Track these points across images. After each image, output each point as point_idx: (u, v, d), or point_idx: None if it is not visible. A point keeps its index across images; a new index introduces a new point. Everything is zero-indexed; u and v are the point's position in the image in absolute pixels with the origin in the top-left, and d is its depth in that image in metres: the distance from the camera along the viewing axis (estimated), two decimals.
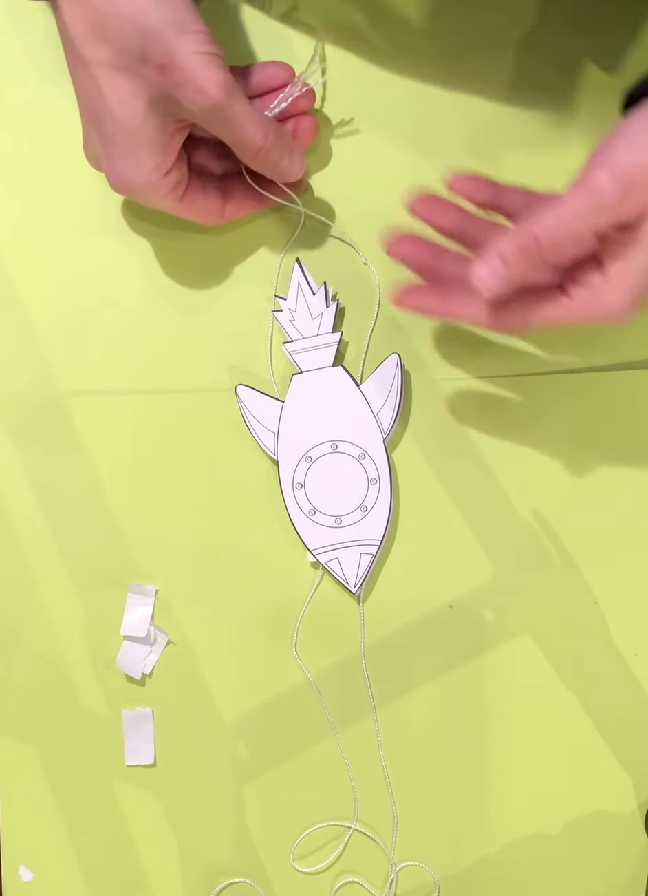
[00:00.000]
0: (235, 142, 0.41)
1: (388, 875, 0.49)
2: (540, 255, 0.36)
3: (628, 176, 0.34)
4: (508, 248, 0.37)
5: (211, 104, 0.38)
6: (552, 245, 0.36)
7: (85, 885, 0.50)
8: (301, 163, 0.44)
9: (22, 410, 0.49)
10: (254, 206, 0.46)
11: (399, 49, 0.46)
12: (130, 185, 0.41)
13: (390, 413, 0.46)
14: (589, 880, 0.49)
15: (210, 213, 0.44)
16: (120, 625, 0.49)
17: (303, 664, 0.48)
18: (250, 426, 0.47)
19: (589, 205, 0.35)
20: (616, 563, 0.48)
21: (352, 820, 0.49)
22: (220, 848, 0.50)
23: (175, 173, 0.41)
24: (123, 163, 0.41)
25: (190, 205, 0.43)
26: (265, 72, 0.44)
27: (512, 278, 0.37)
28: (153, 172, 0.40)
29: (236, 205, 0.45)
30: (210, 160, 0.45)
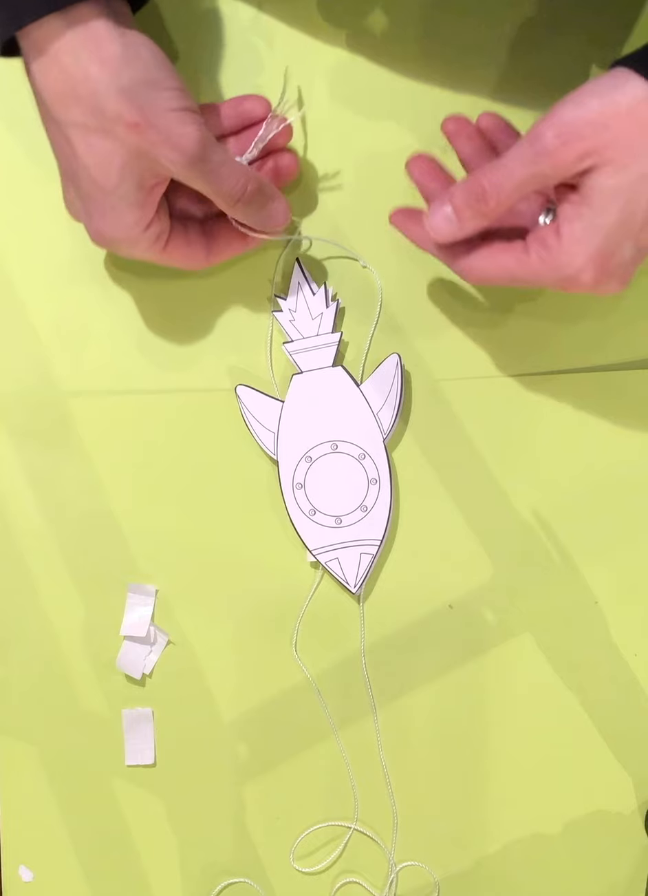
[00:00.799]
0: (214, 194, 0.40)
1: (388, 875, 0.49)
2: (487, 204, 0.37)
3: (568, 127, 0.35)
4: (458, 196, 0.38)
5: (187, 161, 0.38)
6: (497, 193, 0.37)
7: (85, 885, 0.50)
8: (285, 210, 0.43)
9: (22, 410, 0.49)
10: (240, 248, 0.45)
11: (390, 51, 0.46)
12: (111, 240, 0.41)
13: (390, 413, 0.46)
14: (589, 880, 0.49)
15: (194, 259, 0.44)
16: (120, 625, 0.49)
17: (303, 664, 0.48)
18: (250, 426, 0.47)
19: (531, 153, 0.36)
20: (616, 563, 0.48)
21: (352, 820, 0.49)
22: (220, 848, 0.50)
23: (155, 226, 0.41)
24: (102, 220, 0.40)
25: (173, 254, 0.43)
26: (241, 107, 0.44)
27: (462, 225, 0.39)
28: (133, 228, 0.40)
29: (221, 248, 0.44)
30: (191, 204, 0.44)
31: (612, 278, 0.38)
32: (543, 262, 0.38)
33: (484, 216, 0.38)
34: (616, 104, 0.34)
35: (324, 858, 0.49)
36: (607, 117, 0.34)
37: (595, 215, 0.36)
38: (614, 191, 0.35)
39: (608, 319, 0.47)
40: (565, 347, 0.47)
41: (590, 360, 0.47)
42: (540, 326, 0.47)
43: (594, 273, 0.37)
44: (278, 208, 0.43)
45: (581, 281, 0.37)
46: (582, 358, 0.47)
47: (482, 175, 0.37)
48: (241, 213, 0.42)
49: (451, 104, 0.46)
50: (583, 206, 0.36)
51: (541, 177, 0.36)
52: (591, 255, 0.37)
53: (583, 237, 0.36)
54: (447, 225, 0.39)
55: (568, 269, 0.37)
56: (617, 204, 0.36)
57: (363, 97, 0.47)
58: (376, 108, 0.47)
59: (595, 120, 0.35)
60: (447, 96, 0.46)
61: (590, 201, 0.36)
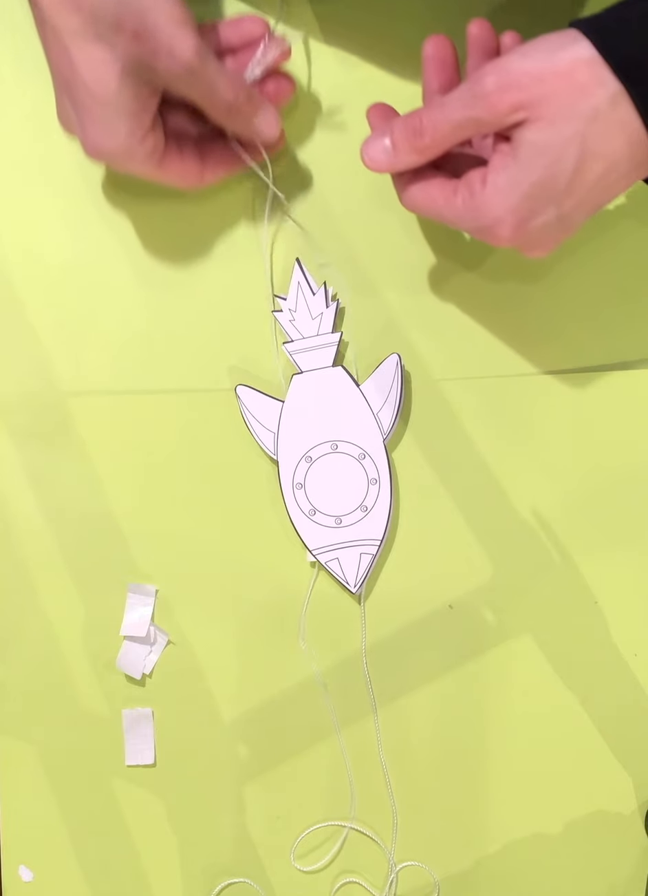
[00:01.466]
0: (207, 102, 0.41)
1: (388, 875, 0.49)
2: (423, 140, 0.38)
3: (508, 75, 0.35)
4: (396, 129, 0.39)
5: (184, 69, 0.39)
6: (433, 131, 0.38)
7: (85, 885, 0.50)
8: (276, 120, 0.44)
9: (22, 411, 0.49)
10: (233, 168, 0.45)
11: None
12: (105, 153, 0.41)
13: (390, 413, 0.46)
14: (589, 880, 0.49)
15: (188, 176, 0.44)
16: (120, 625, 0.49)
17: (310, 653, 0.48)
18: (250, 426, 0.47)
19: (470, 96, 0.36)
20: (616, 563, 0.48)
21: (352, 820, 0.49)
22: (220, 848, 0.50)
23: (150, 138, 0.41)
24: (97, 131, 0.40)
25: (167, 169, 0.43)
26: (239, 28, 0.44)
27: (398, 158, 0.39)
28: (128, 139, 0.40)
29: (214, 166, 0.45)
30: (186, 122, 0.44)
31: (532, 241, 0.38)
32: (465, 205, 0.38)
33: (420, 152, 0.39)
34: (558, 61, 0.35)
35: (323, 858, 0.50)
36: (546, 73, 0.35)
37: (519, 170, 0.36)
38: (540, 147, 0.35)
39: (608, 319, 0.47)
40: (565, 347, 0.47)
41: (590, 360, 0.47)
42: (539, 326, 0.47)
43: (511, 229, 0.37)
44: (269, 118, 0.43)
45: (497, 233, 0.38)
46: (582, 358, 0.47)
47: (422, 111, 0.38)
48: (233, 123, 0.43)
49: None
50: (510, 157, 0.36)
51: (476, 121, 0.36)
52: (510, 208, 0.37)
53: (505, 189, 0.37)
54: (384, 156, 0.39)
55: (486, 219, 0.38)
56: (542, 161, 0.36)
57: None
58: None
59: (535, 73, 0.35)
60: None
61: (517, 154, 0.36)
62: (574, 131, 0.35)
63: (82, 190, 0.48)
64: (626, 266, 0.47)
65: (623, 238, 0.47)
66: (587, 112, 0.35)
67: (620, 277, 0.47)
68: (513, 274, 0.47)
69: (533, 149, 0.36)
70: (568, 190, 0.36)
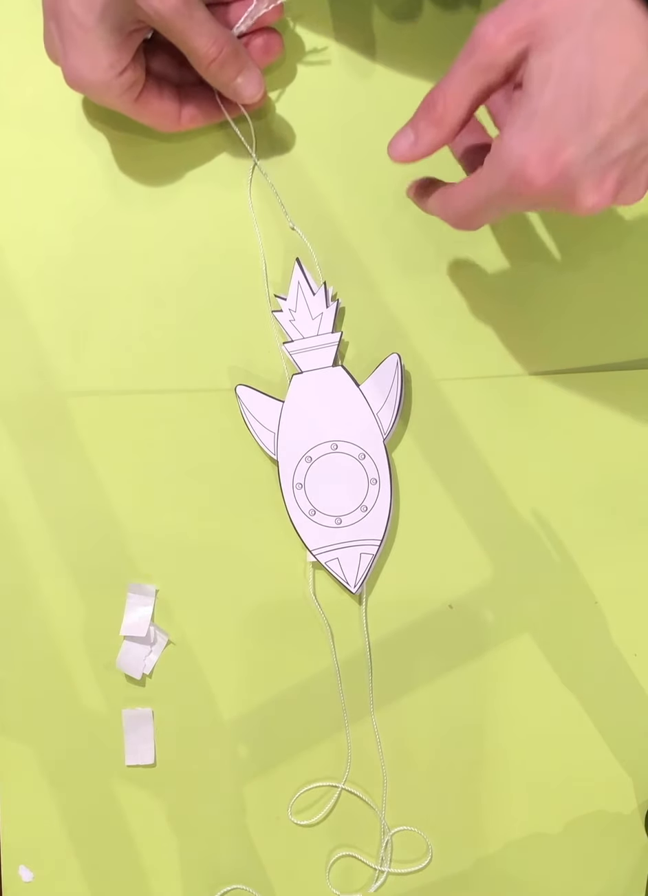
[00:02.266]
0: (189, 51, 0.41)
1: (381, 876, 0.49)
2: (436, 109, 0.36)
3: (502, 13, 0.33)
4: (415, 115, 0.37)
5: (169, 10, 0.39)
6: (443, 96, 0.35)
7: (85, 885, 0.50)
8: (259, 82, 0.44)
9: (22, 411, 0.49)
10: (213, 117, 0.46)
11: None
12: (85, 82, 0.42)
13: (390, 413, 0.46)
14: (589, 880, 0.49)
15: (166, 117, 0.45)
16: (120, 625, 0.49)
17: (321, 609, 0.48)
18: (250, 426, 0.47)
19: (469, 47, 0.34)
20: (616, 563, 0.48)
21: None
22: (220, 848, 0.50)
23: (129, 73, 0.42)
24: (79, 59, 0.41)
25: (145, 107, 0.43)
26: None
27: (418, 139, 0.37)
28: (107, 70, 0.41)
29: (193, 111, 0.45)
30: (169, 67, 0.45)
31: (584, 180, 0.33)
32: (491, 164, 0.35)
33: (436, 124, 0.36)
34: None
35: (323, 857, 0.49)
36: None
37: (530, 99, 0.33)
38: (546, 68, 0.32)
39: (608, 320, 0.47)
40: (565, 347, 0.47)
41: (590, 360, 0.47)
42: (539, 326, 0.47)
43: (541, 166, 0.33)
44: (252, 78, 0.43)
45: (529, 175, 0.33)
46: (582, 358, 0.47)
47: (434, 89, 0.36)
48: (215, 75, 0.43)
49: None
50: (521, 95, 0.34)
51: (482, 69, 0.34)
52: (530, 142, 0.33)
53: (521, 125, 0.33)
54: (405, 142, 0.37)
55: (511, 164, 0.34)
56: (552, 82, 0.32)
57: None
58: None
59: (529, 0, 0.33)
60: None
61: (527, 87, 0.33)
62: (577, 41, 0.32)
63: (82, 189, 0.48)
64: (627, 266, 0.47)
65: (623, 238, 0.47)
66: (586, 18, 0.32)
67: (621, 278, 0.47)
68: (514, 274, 0.47)
69: (540, 73, 0.33)
70: (593, 108, 0.32)
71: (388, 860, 0.49)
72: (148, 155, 0.47)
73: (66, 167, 0.48)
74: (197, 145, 0.47)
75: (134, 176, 0.48)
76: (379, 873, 0.49)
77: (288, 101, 0.47)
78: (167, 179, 0.48)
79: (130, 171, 0.48)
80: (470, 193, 0.37)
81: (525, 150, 0.33)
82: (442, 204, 0.40)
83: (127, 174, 0.48)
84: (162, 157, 0.47)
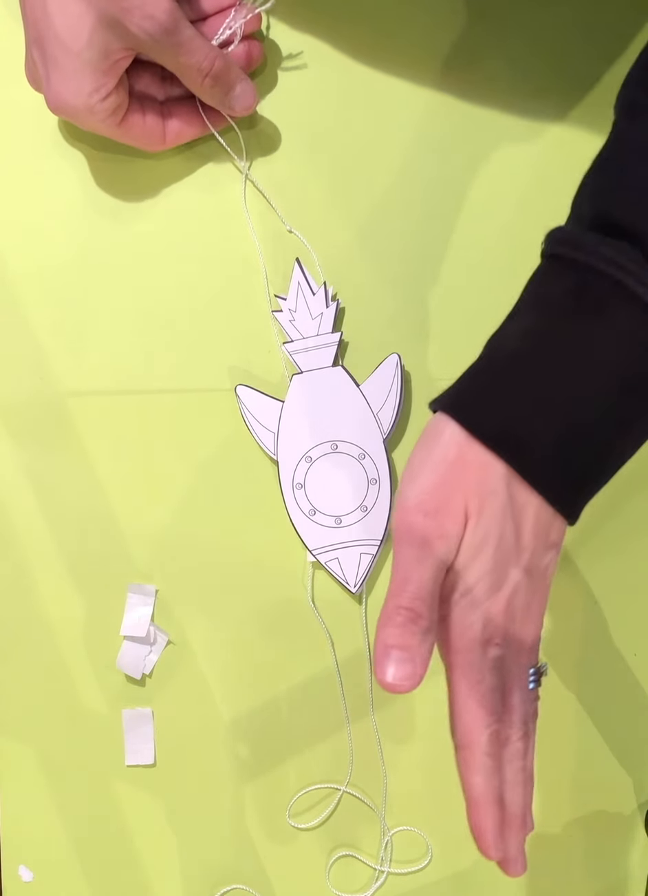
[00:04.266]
0: (181, 69, 0.41)
1: (380, 876, 0.49)
2: (428, 620, 0.33)
3: (406, 502, 0.34)
4: (408, 640, 0.34)
5: (158, 30, 0.39)
6: (419, 601, 0.33)
7: (85, 885, 0.50)
8: (252, 94, 0.44)
9: (22, 410, 0.49)
10: (198, 129, 0.46)
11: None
12: (68, 108, 0.42)
13: (390, 413, 0.46)
14: (589, 880, 0.49)
15: (150, 136, 0.45)
16: (120, 625, 0.49)
17: (318, 615, 0.48)
18: (250, 426, 0.47)
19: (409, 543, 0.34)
20: (617, 562, 0.48)
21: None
22: (220, 848, 0.50)
23: (114, 98, 0.42)
24: (63, 84, 0.41)
25: (129, 129, 0.44)
26: None
27: (412, 654, 0.34)
28: (92, 95, 0.41)
29: (178, 127, 0.45)
30: (152, 86, 0.45)
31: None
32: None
33: (414, 619, 0.33)
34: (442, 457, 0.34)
35: (323, 858, 0.49)
36: (439, 475, 0.34)
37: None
38: (476, 542, 0.34)
39: None
40: None
41: None
42: None
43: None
44: (246, 90, 0.44)
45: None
46: None
47: (394, 605, 0.34)
48: (208, 91, 0.43)
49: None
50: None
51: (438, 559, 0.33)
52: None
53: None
54: (406, 668, 0.34)
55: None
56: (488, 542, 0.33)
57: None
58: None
59: (434, 482, 0.34)
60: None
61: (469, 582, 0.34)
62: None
63: (82, 190, 0.48)
64: None
65: None
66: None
67: None
68: (514, 274, 0.47)
69: (470, 547, 0.33)
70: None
71: (388, 860, 0.49)
72: (148, 161, 0.47)
73: (66, 167, 0.48)
74: (197, 152, 0.47)
75: (135, 179, 0.48)
76: (379, 873, 0.49)
77: (274, 105, 0.47)
78: (167, 184, 0.48)
79: (132, 175, 0.48)
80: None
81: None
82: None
83: (128, 177, 0.48)
84: (161, 163, 0.47)
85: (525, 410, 0.33)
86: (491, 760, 0.34)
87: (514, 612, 0.34)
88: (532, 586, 0.34)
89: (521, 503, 0.33)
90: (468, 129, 0.46)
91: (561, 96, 0.46)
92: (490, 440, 0.33)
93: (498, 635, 0.34)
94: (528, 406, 0.33)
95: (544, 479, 0.33)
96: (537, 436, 0.33)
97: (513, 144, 0.46)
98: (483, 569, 0.33)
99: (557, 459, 0.33)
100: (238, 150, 0.47)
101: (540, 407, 0.33)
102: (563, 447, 0.33)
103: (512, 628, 0.34)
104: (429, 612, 0.33)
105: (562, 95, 0.46)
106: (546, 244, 0.35)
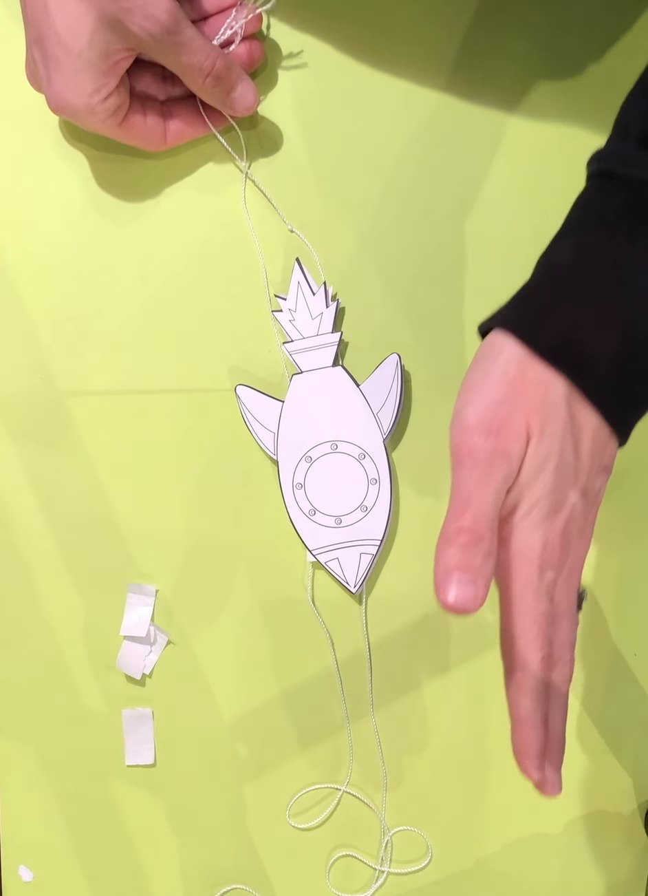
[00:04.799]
0: (183, 69, 0.41)
1: (381, 876, 0.49)
2: (480, 537, 0.33)
3: (463, 420, 0.33)
4: (469, 558, 0.33)
5: (159, 30, 0.39)
6: (481, 522, 0.33)
7: (85, 885, 0.50)
8: (254, 94, 0.44)
9: (22, 411, 0.49)
10: (198, 129, 0.46)
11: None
12: (69, 108, 0.42)
13: (390, 413, 0.46)
14: (589, 880, 0.49)
15: (151, 136, 0.45)
16: (120, 625, 0.49)
17: (319, 616, 0.48)
18: (250, 426, 0.47)
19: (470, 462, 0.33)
20: (616, 561, 0.48)
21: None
22: (220, 848, 0.50)
23: (114, 98, 0.42)
24: (63, 85, 0.41)
25: (130, 129, 0.44)
26: None
27: (486, 581, 0.32)
28: (93, 96, 0.41)
29: (179, 127, 0.45)
30: (153, 86, 0.45)
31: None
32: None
33: (476, 541, 0.32)
34: (502, 374, 0.33)
35: (323, 858, 0.49)
36: (501, 393, 0.33)
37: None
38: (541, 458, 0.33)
39: None
40: None
41: None
42: None
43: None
44: (247, 90, 0.44)
45: None
46: None
47: (455, 519, 0.33)
48: (210, 91, 0.43)
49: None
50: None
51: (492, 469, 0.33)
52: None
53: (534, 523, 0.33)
54: (468, 590, 0.32)
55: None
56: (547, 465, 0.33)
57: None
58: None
59: (494, 400, 0.33)
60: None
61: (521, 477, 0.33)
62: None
63: (82, 189, 0.48)
64: None
65: None
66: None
67: None
68: (514, 273, 0.47)
69: (533, 462, 0.33)
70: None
71: (388, 860, 0.49)
72: (148, 161, 0.47)
73: (67, 167, 0.48)
74: (198, 152, 0.47)
75: (136, 179, 0.48)
76: (379, 873, 0.49)
77: (275, 105, 0.47)
78: (167, 184, 0.48)
79: (132, 175, 0.48)
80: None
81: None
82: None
83: (128, 177, 0.48)
84: (161, 163, 0.47)
85: (586, 326, 0.32)
86: (540, 684, 0.34)
87: (570, 536, 0.34)
88: (585, 510, 0.34)
89: (581, 422, 0.33)
90: (468, 128, 0.46)
91: (561, 96, 0.46)
92: (551, 356, 0.32)
93: (554, 558, 0.33)
94: (589, 321, 0.32)
95: (605, 397, 0.33)
96: (598, 352, 0.32)
97: (513, 144, 0.46)
98: (543, 489, 0.33)
99: (617, 378, 0.32)
100: (238, 150, 0.47)
101: (600, 322, 0.32)
102: (622, 365, 0.32)
103: (566, 552, 0.34)
104: (491, 534, 0.32)
105: (562, 95, 0.46)
106: (593, 164, 0.35)
